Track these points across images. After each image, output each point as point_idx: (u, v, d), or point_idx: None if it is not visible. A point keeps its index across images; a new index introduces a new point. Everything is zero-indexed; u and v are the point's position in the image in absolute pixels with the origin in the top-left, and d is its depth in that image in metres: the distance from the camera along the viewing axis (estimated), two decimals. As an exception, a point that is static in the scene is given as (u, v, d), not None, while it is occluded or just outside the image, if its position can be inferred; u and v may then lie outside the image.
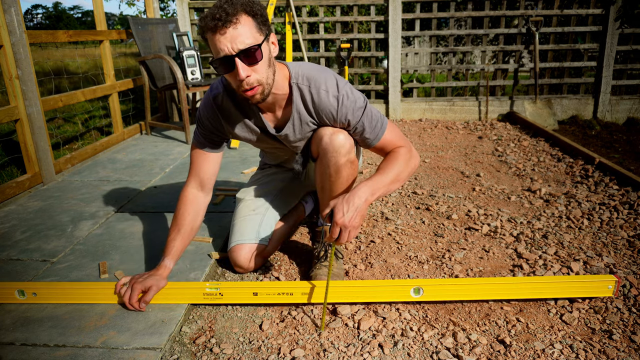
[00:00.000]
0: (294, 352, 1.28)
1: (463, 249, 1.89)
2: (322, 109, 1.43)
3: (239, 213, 1.75)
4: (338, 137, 1.43)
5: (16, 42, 2.46)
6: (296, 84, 1.42)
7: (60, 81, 6.85)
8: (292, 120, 1.47)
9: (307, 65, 1.46)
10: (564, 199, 2.40)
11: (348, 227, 1.26)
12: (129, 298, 1.38)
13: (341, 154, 1.43)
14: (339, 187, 1.51)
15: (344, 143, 1.43)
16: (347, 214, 1.25)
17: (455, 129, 4.19)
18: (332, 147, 1.43)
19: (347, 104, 1.41)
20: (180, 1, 4.52)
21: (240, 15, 1.22)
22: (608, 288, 1.46)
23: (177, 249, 1.50)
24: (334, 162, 1.44)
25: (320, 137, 1.46)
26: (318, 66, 1.47)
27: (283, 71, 1.42)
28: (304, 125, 1.48)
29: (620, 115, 4.45)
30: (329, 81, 1.42)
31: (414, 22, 4.49)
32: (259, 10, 1.27)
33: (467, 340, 1.32)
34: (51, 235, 1.95)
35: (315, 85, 1.41)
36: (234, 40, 1.22)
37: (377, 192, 1.34)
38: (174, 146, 3.47)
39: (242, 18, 1.23)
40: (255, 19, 1.26)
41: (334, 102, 1.41)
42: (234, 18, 1.21)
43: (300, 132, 1.51)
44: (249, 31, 1.24)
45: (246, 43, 1.23)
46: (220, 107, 1.50)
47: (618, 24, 4.22)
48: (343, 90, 1.41)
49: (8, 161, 3.27)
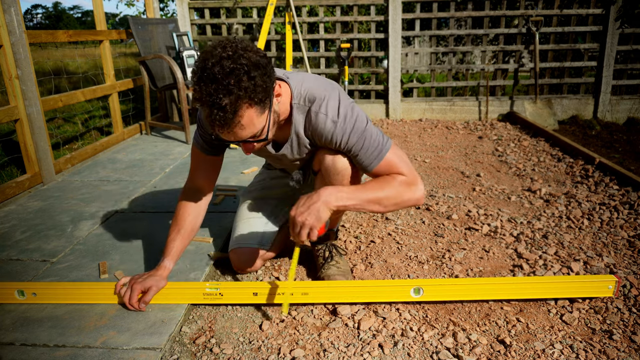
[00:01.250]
0: (294, 352, 1.28)
1: (463, 249, 1.89)
2: (318, 133, 1.37)
3: (242, 215, 1.74)
4: (340, 160, 1.40)
5: (16, 42, 2.46)
6: (297, 104, 1.36)
7: (60, 81, 6.84)
8: (291, 141, 1.43)
9: (310, 82, 1.38)
10: (564, 199, 2.40)
11: (297, 223, 1.23)
12: (129, 298, 1.38)
13: (345, 175, 1.42)
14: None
15: (347, 166, 1.41)
16: (298, 209, 1.23)
17: (455, 129, 4.19)
18: (335, 170, 1.41)
19: (345, 128, 1.32)
20: (180, 1, 4.51)
21: (242, 113, 1.11)
22: (608, 288, 1.46)
23: (177, 249, 1.49)
24: (339, 182, 1.42)
25: (322, 158, 1.43)
26: (322, 82, 1.39)
27: (285, 92, 1.34)
28: (302, 147, 1.45)
29: (621, 115, 4.45)
30: (330, 103, 1.33)
31: (414, 22, 4.49)
32: (260, 91, 1.12)
33: (467, 340, 1.32)
34: (51, 235, 1.95)
35: (315, 109, 1.34)
36: (238, 137, 1.17)
37: (344, 202, 1.26)
38: (174, 146, 3.47)
39: (244, 115, 1.12)
40: (258, 105, 1.14)
41: (331, 127, 1.33)
42: (234, 121, 1.12)
43: (298, 153, 1.48)
44: (252, 124, 1.16)
45: (251, 134, 1.18)
46: None
47: (618, 24, 4.22)
48: (343, 113, 1.33)
49: (8, 161, 3.27)
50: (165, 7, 7.76)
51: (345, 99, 1.37)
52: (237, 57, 1.09)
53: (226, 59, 1.08)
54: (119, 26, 11.74)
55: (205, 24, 4.71)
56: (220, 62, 1.08)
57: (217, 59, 1.08)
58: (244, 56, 1.10)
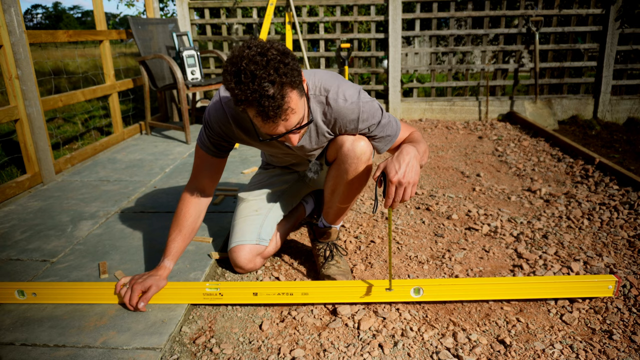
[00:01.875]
0: (294, 352, 1.28)
1: (463, 249, 1.89)
2: (341, 118, 1.40)
3: (240, 213, 1.75)
4: (360, 143, 1.42)
5: (16, 42, 2.46)
6: (314, 94, 1.39)
7: (60, 81, 6.85)
8: (309, 131, 1.45)
9: (322, 74, 1.43)
10: (564, 199, 2.40)
11: (404, 183, 1.23)
12: (129, 298, 1.38)
13: (362, 160, 1.43)
14: (354, 192, 1.52)
15: (366, 150, 1.43)
16: (400, 170, 1.23)
17: (455, 129, 4.19)
18: (354, 154, 1.42)
19: (368, 112, 1.39)
20: (180, 1, 4.51)
21: (289, 98, 1.14)
22: (608, 288, 1.46)
23: (177, 249, 1.50)
24: (354, 168, 1.44)
25: (341, 144, 1.44)
26: (332, 73, 1.44)
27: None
28: (321, 137, 1.47)
29: (621, 115, 4.45)
30: (347, 90, 1.39)
31: (414, 22, 4.49)
32: (296, 75, 1.15)
33: (467, 340, 1.32)
34: (51, 235, 1.95)
35: (333, 96, 1.38)
36: (289, 123, 1.19)
37: (421, 156, 1.33)
38: (174, 146, 3.47)
39: (292, 99, 1.15)
40: (298, 89, 1.18)
41: (353, 109, 1.38)
42: (284, 106, 1.14)
43: (317, 143, 1.50)
44: (299, 108, 1.19)
45: (299, 118, 1.20)
46: (234, 114, 1.44)
47: (618, 24, 4.22)
48: (361, 96, 1.39)
49: (8, 161, 3.27)
50: (165, 7, 7.76)
51: (357, 85, 1.43)
52: (266, 50, 1.12)
53: (257, 55, 1.11)
54: (119, 26, 11.74)
55: (205, 24, 4.71)
56: (253, 59, 1.10)
57: (249, 59, 1.10)
58: (271, 49, 1.13)
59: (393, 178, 1.22)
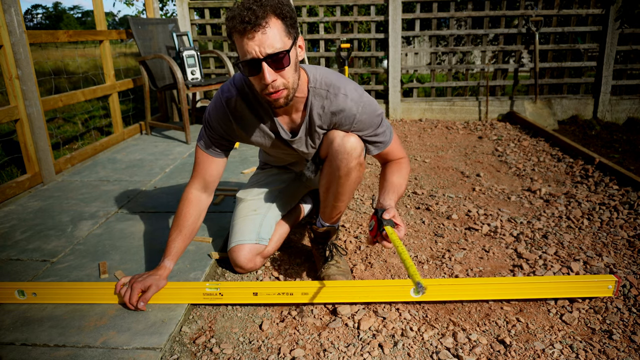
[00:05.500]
0: (294, 352, 1.28)
1: (463, 249, 1.89)
2: (339, 113, 1.41)
3: (239, 213, 1.75)
4: (350, 139, 1.42)
5: (16, 42, 2.46)
6: (314, 87, 1.41)
7: (60, 81, 6.84)
8: (306, 124, 1.46)
9: (324, 70, 1.44)
10: (564, 199, 2.40)
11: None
12: (129, 298, 1.38)
13: (353, 156, 1.43)
14: (347, 189, 1.51)
15: (356, 146, 1.43)
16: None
17: (455, 129, 4.19)
18: (344, 150, 1.42)
19: (367, 111, 1.42)
20: (180, 1, 4.52)
21: (269, 18, 1.18)
22: (608, 288, 1.46)
23: (177, 249, 1.50)
24: (345, 164, 1.44)
25: (331, 140, 1.45)
26: (334, 71, 1.46)
27: (302, 76, 1.40)
28: (315, 134, 1.48)
29: (620, 115, 4.45)
30: (348, 86, 1.41)
31: (414, 22, 4.49)
32: (288, 12, 1.22)
33: (467, 340, 1.32)
34: (51, 235, 1.95)
35: (334, 91, 1.40)
36: (262, 45, 1.19)
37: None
38: (174, 146, 3.47)
39: (271, 21, 1.19)
40: (285, 22, 1.22)
41: (352, 106, 1.40)
42: (263, 21, 1.17)
43: (312, 139, 1.51)
44: (277, 35, 1.20)
45: (275, 47, 1.19)
46: (234, 110, 1.46)
47: (618, 24, 4.22)
48: (361, 95, 1.41)
49: (8, 161, 3.27)
50: (164, 7, 7.76)
51: (358, 86, 1.45)
52: None
53: None
54: (119, 26, 11.75)
55: (205, 24, 4.71)
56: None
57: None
58: None
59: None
